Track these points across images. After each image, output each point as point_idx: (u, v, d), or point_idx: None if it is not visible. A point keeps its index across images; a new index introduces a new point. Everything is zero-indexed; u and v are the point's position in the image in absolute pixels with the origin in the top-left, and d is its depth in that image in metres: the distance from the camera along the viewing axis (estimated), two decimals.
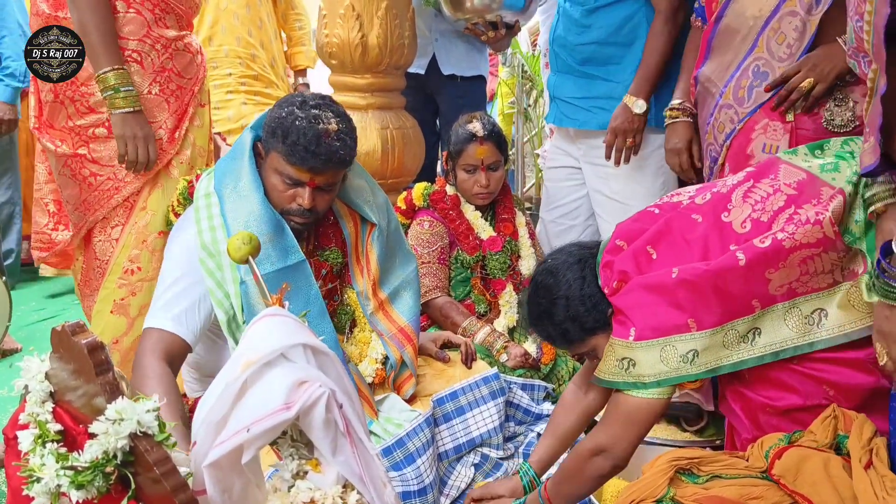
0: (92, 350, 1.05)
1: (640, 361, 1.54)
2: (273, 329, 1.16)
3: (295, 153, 1.78)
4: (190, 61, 2.24)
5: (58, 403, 1.17)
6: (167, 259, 1.88)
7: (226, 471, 1.08)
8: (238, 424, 1.07)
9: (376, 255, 2.05)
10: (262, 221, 1.82)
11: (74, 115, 2.12)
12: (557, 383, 2.47)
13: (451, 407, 2.07)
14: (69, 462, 1.05)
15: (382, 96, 2.91)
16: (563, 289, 1.68)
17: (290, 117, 1.79)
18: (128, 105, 2.05)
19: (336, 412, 1.11)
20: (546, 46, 3.57)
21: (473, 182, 2.58)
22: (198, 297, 1.79)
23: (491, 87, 5.37)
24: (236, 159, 1.88)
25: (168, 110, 2.19)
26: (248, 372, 1.09)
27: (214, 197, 1.85)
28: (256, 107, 3.38)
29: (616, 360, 1.57)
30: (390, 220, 2.14)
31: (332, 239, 2.03)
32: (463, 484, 2.03)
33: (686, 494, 1.41)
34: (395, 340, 2.06)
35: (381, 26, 2.77)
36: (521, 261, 2.68)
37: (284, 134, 1.78)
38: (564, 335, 1.71)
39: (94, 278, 2.24)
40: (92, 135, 2.12)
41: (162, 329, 1.75)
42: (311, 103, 1.84)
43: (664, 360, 1.52)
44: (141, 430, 1.03)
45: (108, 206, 2.15)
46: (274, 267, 1.81)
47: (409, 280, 2.14)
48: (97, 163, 2.14)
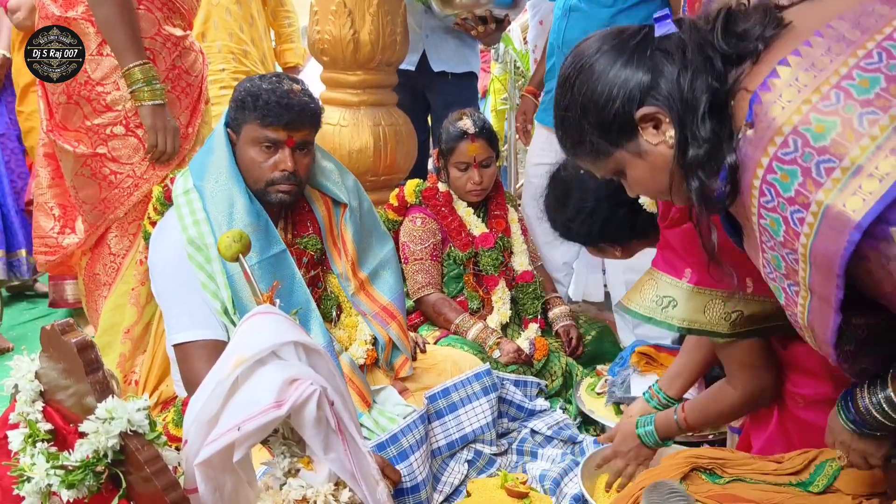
0: (81, 349, 1.05)
1: (682, 304, 1.48)
2: (264, 326, 1.16)
3: (270, 112, 1.81)
4: (195, 59, 2.27)
5: (48, 403, 1.17)
6: (159, 271, 1.88)
7: (217, 469, 1.08)
8: (229, 422, 1.07)
9: (351, 236, 2.07)
10: (245, 212, 1.84)
11: (91, 115, 2.13)
12: (550, 379, 2.48)
13: (444, 403, 2.07)
14: (60, 461, 1.05)
15: (374, 93, 2.90)
16: (583, 178, 1.68)
17: (254, 87, 1.84)
18: (154, 98, 2.08)
19: (328, 410, 1.11)
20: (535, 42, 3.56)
21: (466, 179, 2.58)
22: (202, 296, 1.80)
23: (483, 84, 5.35)
24: (211, 153, 1.90)
25: (180, 107, 2.22)
26: (240, 370, 1.09)
27: (194, 193, 1.87)
28: None
29: (656, 295, 1.52)
30: (362, 201, 2.15)
31: (309, 226, 2.04)
32: (456, 480, 2.03)
33: (700, 491, 1.39)
34: (379, 319, 2.08)
35: (372, 23, 2.77)
36: (513, 257, 2.69)
37: (254, 100, 1.82)
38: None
39: (105, 273, 2.25)
40: (110, 133, 2.13)
41: (195, 340, 1.78)
42: (268, 76, 1.90)
43: (706, 312, 1.46)
44: (131, 429, 1.03)
45: (128, 204, 2.17)
46: (258, 258, 1.83)
47: (388, 259, 2.17)
48: (117, 161, 2.15)
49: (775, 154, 0.98)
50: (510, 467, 2.13)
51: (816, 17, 1.05)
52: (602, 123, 1.17)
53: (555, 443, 2.21)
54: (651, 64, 1.12)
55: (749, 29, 1.08)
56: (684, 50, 1.11)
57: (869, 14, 0.99)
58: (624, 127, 1.16)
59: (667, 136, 1.13)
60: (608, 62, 1.15)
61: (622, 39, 1.17)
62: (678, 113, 1.10)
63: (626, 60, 1.14)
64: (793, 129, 0.96)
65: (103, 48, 2.08)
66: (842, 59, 0.96)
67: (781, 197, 0.98)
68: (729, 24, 1.11)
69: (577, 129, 1.21)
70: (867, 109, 0.91)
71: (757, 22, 1.09)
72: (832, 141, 0.92)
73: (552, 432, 2.22)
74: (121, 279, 2.23)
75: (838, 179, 0.92)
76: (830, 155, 0.92)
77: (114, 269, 2.23)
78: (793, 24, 1.07)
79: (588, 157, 1.24)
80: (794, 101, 0.97)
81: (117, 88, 2.10)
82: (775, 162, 0.98)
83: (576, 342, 2.62)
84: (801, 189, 0.95)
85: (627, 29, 1.19)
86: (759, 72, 1.05)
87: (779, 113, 0.98)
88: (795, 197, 0.96)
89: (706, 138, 1.07)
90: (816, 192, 0.93)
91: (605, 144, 1.19)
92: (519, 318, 2.66)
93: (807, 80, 0.97)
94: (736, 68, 1.08)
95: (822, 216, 0.93)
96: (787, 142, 0.96)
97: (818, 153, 0.93)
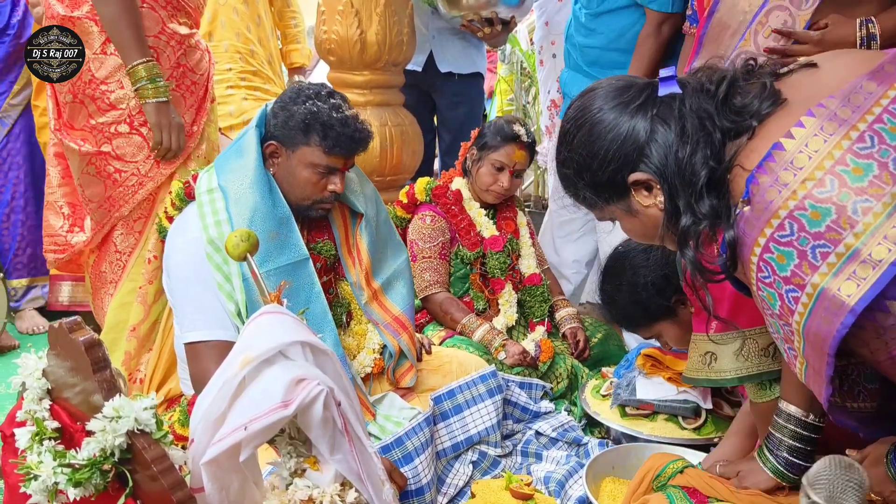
0: (89, 347, 1.05)
1: (720, 355, 1.51)
2: (272, 326, 1.15)
3: (339, 144, 1.84)
4: (200, 58, 2.26)
5: (55, 401, 1.17)
6: (175, 267, 1.87)
7: (223, 468, 1.08)
8: (236, 422, 1.06)
9: (366, 245, 2.06)
10: (268, 218, 1.82)
11: (95, 114, 2.13)
12: (555, 381, 2.47)
13: (449, 405, 2.06)
14: (66, 460, 1.05)
15: (381, 93, 2.90)
16: (627, 275, 1.72)
17: (321, 114, 1.84)
18: (158, 95, 2.09)
19: (334, 410, 1.11)
20: (541, 43, 3.57)
21: (495, 180, 2.57)
22: (218, 297, 1.80)
23: (489, 85, 5.35)
24: (240, 156, 1.88)
25: (185, 105, 2.22)
26: (247, 369, 1.09)
27: (218, 192, 1.86)
28: (257, 102, 3.37)
29: (699, 355, 1.55)
30: (379, 211, 2.15)
31: (324, 231, 2.04)
32: (461, 482, 2.02)
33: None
34: (391, 329, 2.07)
35: (379, 23, 2.76)
36: (521, 260, 2.68)
37: (324, 128, 1.83)
38: (629, 319, 1.77)
39: (111, 271, 2.26)
40: (115, 132, 2.14)
41: (208, 340, 1.77)
42: (322, 93, 1.89)
43: (745, 354, 1.49)
44: (138, 428, 1.03)
45: (132, 202, 2.18)
46: (276, 264, 1.82)
47: (402, 270, 2.17)
48: (121, 159, 2.15)
49: (772, 235, 1.02)
50: (515, 469, 2.12)
51: (810, 92, 1.09)
52: (596, 183, 1.23)
53: (560, 444, 2.20)
54: (649, 128, 1.16)
55: (748, 104, 1.13)
56: (684, 121, 1.14)
57: (858, 92, 1.03)
58: (616, 188, 1.21)
59: (657, 200, 1.18)
60: (608, 123, 1.19)
61: (625, 100, 1.20)
62: (670, 183, 1.14)
63: (626, 123, 1.18)
64: (789, 213, 1.00)
65: (107, 47, 2.08)
66: (835, 139, 1.00)
67: (777, 275, 1.02)
68: (729, 96, 1.15)
69: (572, 184, 1.28)
70: (861, 198, 0.95)
71: (755, 97, 1.13)
72: (827, 227, 0.96)
73: (557, 434, 2.21)
74: (127, 277, 2.23)
75: (833, 264, 0.96)
76: (826, 240, 0.96)
77: (119, 266, 2.24)
78: (787, 101, 1.11)
79: (583, 204, 1.31)
80: (790, 184, 1.00)
81: (121, 87, 2.10)
82: (772, 243, 1.02)
83: (583, 344, 2.61)
84: (796, 270, 0.99)
85: (633, 85, 1.23)
86: (754, 148, 1.09)
87: (775, 196, 1.01)
88: (791, 277, 1.00)
89: (705, 214, 1.11)
90: (812, 275, 0.97)
91: (598, 201, 1.26)
92: (525, 321, 2.65)
93: (802, 163, 1.00)
94: (732, 142, 1.12)
95: (817, 298, 0.97)
96: (784, 225, 1.00)
97: (814, 238, 0.97)
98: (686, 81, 1.19)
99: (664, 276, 1.67)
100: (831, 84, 1.06)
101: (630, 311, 1.72)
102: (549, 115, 3.63)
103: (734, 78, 1.17)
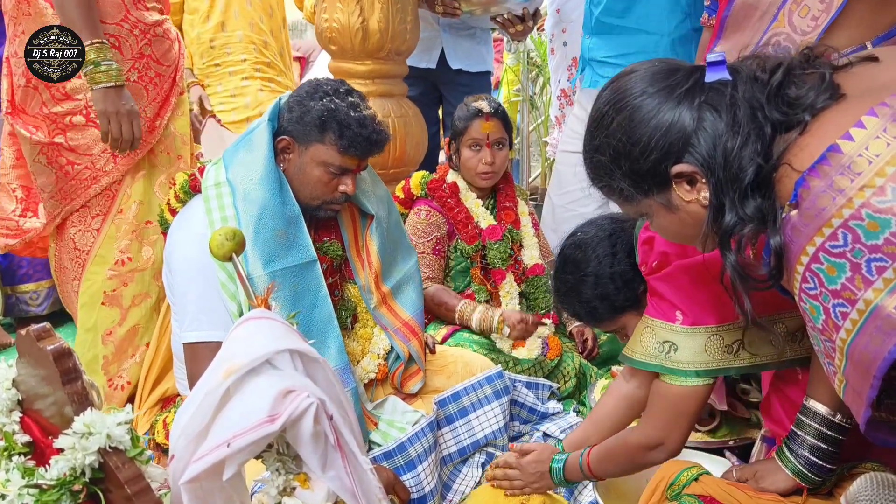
0: (58, 357, 0.96)
1: (682, 347, 1.44)
2: (258, 333, 1.07)
3: (354, 144, 1.77)
4: (169, 48, 2.17)
5: (26, 412, 1.09)
6: (178, 263, 1.78)
7: (205, 488, 1.00)
8: (218, 438, 0.98)
9: (376, 248, 1.99)
10: (277, 216, 1.74)
11: (50, 102, 2.05)
12: (563, 381, 2.40)
13: (454, 408, 1.99)
14: (35, 478, 0.97)
15: (384, 83, 2.82)
16: (591, 265, 1.62)
17: (339, 112, 1.77)
18: (109, 80, 1.98)
19: (326, 423, 1.03)
20: (552, 31, 3.49)
21: (478, 160, 2.49)
22: (221, 296, 1.72)
23: (496, 75, 5.27)
24: (252, 151, 1.79)
25: (147, 97, 2.12)
26: (230, 380, 1.00)
27: (226, 187, 1.77)
28: (272, 94, 3.29)
29: (657, 342, 1.47)
30: (391, 213, 2.07)
31: (332, 231, 1.96)
32: (468, 488, 1.95)
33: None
34: (401, 334, 2.00)
35: (382, 11, 2.68)
36: (523, 250, 2.60)
37: (341, 127, 1.76)
38: (592, 313, 1.65)
39: (71, 268, 2.18)
40: (69, 123, 2.05)
41: (209, 341, 1.70)
42: (341, 90, 1.82)
43: (707, 350, 1.42)
44: (111, 445, 0.95)
45: (85, 196, 2.10)
46: (283, 265, 1.74)
47: (412, 274, 2.10)
48: (74, 151, 2.06)
49: (822, 245, 0.93)
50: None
51: (872, 87, 0.99)
52: (634, 172, 1.13)
53: None
54: (697, 116, 1.06)
55: (802, 96, 1.03)
56: (736, 110, 1.04)
57: None
58: (657, 179, 1.11)
59: (700, 195, 1.08)
60: (651, 108, 1.09)
61: (670, 84, 1.10)
62: (717, 177, 1.05)
63: (671, 109, 1.08)
64: (843, 222, 0.91)
65: None
66: None
67: (825, 287, 0.94)
68: (783, 86, 1.05)
69: (606, 173, 1.17)
70: None
71: (811, 88, 1.03)
72: (885, 240, 0.87)
73: (565, 435, 2.14)
74: (86, 278, 2.15)
75: (890, 280, 0.87)
76: (883, 254, 0.88)
77: (79, 265, 2.16)
78: (845, 97, 1.01)
79: (615, 197, 1.21)
80: (846, 191, 0.91)
81: (79, 76, 2.00)
82: (822, 252, 0.93)
83: (591, 343, 2.54)
84: (848, 284, 0.91)
85: (678, 69, 1.12)
86: (805, 146, 0.99)
87: (828, 203, 0.92)
88: (841, 291, 0.92)
89: (750, 216, 1.02)
90: (865, 291, 0.89)
91: (636, 193, 1.15)
92: (530, 313, 2.57)
93: (860, 168, 0.91)
94: (781, 136, 1.03)
95: (869, 315, 0.89)
96: (836, 234, 0.92)
97: (870, 251, 0.89)
98: (738, 67, 1.09)
99: (632, 265, 1.57)
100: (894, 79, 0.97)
101: (594, 304, 1.62)
102: (558, 104, 3.55)
103: (791, 66, 1.07)
